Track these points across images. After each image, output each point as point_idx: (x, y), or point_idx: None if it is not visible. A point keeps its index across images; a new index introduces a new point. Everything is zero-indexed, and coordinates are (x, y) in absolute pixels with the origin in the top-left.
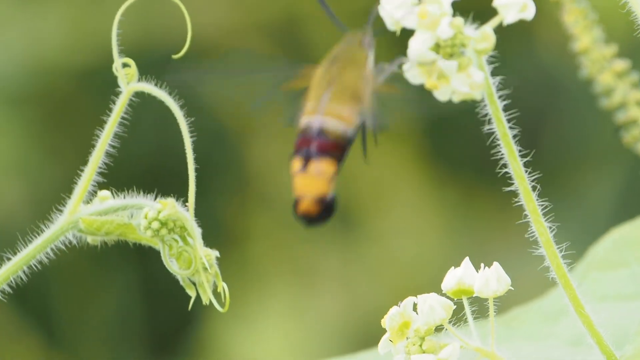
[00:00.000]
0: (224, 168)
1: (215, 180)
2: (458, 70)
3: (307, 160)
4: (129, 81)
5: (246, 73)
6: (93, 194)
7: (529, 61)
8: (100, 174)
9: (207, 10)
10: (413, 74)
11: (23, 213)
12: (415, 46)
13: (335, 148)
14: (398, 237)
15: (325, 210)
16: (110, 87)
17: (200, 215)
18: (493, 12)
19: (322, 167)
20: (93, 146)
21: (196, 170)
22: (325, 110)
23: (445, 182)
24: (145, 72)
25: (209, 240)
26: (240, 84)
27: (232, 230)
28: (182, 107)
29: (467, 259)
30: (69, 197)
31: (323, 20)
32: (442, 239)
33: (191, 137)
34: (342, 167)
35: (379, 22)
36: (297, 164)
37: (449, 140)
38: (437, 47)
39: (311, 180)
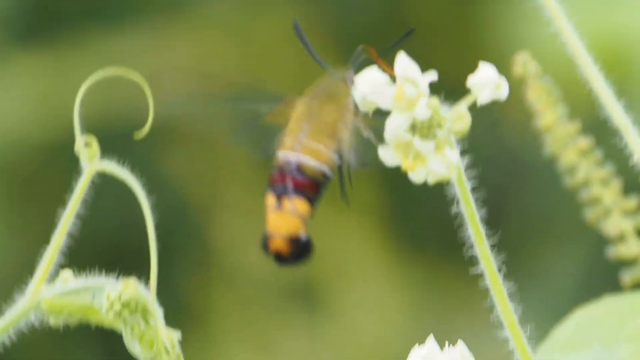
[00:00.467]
0: (187, 244)
1: (178, 256)
2: (435, 151)
3: (281, 197)
4: (91, 160)
5: (228, 103)
6: (55, 274)
7: (493, 139)
8: (62, 254)
9: (170, 85)
10: (389, 155)
11: None
12: (392, 127)
13: (311, 187)
14: (363, 315)
15: (297, 249)
16: (76, 163)
17: (163, 292)
18: (463, 90)
19: (297, 206)
20: (56, 224)
21: (158, 247)
22: (302, 147)
23: (410, 260)
24: (110, 146)
25: (172, 318)
26: (222, 113)
27: (196, 307)
28: (144, 184)
29: (431, 337)
30: (31, 276)
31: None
32: (407, 317)
33: (153, 214)
34: (317, 207)
35: (363, 63)
36: (271, 199)
37: (414, 218)
38: (412, 128)
39: (284, 218)
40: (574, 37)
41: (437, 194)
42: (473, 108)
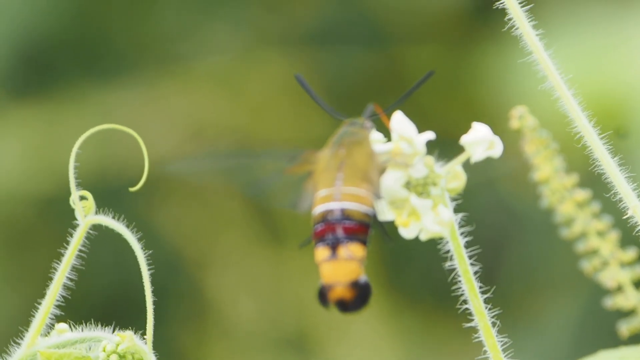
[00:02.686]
0: (182, 297)
1: (173, 309)
2: (430, 208)
3: (335, 246)
4: (87, 214)
5: (245, 159)
6: (51, 326)
7: (489, 192)
8: (58, 306)
9: (164, 139)
10: (383, 210)
11: None
12: (388, 184)
13: (361, 230)
14: None
15: (360, 294)
16: (71, 215)
17: (159, 344)
18: (458, 147)
19: (353, 251)
20: (51, 277)
21: (154, 300)
22: (342, 194)
23: (405, 310)
24: (105, 200)
25: None
26: (240, 169)
27: (191, 358)
28: (139, 238)
29: None
30: (27, 329)
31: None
32: None
33: (148, 267)
34: (368, 250)
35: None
36: (323, 252)
37: (409, 269)
38: (407, 184)
39: (342, 266)
40: (568, 92)
41: (433, 245)
42: (468, 163)
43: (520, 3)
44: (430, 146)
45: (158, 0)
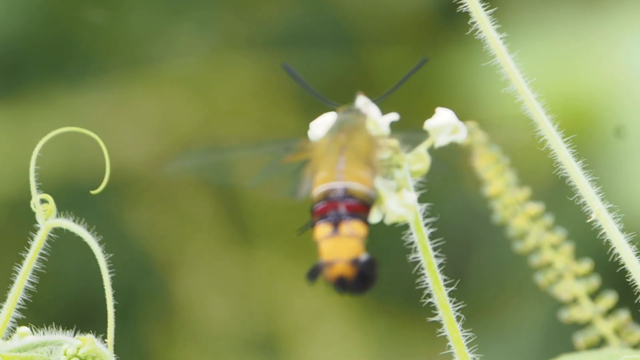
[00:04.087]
0: (151, 299)
1: (141, 311)
2: (394, 191)
3: (337, 223)
4: (48, 217)
5: (242, 152)
6: (12, 330)
7: (457, 196)
8: (20, 310)
9: (133, 141)
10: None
11: None
12: None
13: (363, 209)
14: None
15: (362, 272)
16: (34, 218)
17: (126, 346)
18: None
19: (354, 228)
20: (13, 282)
21: (121, 301)
22: (345, 175)
23: (372, 311)
24: (75, 201)
25: None
26: (237, 162)
27: None
28: (107, 239)
29: None
30: None
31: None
32: None
33: (115, 269)
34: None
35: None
36: (325, 228)
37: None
38: None
39: (344, 243)
40: (531, 96)
41: (399, 244)
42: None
43: (483, 6)
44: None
45: (126, 2)
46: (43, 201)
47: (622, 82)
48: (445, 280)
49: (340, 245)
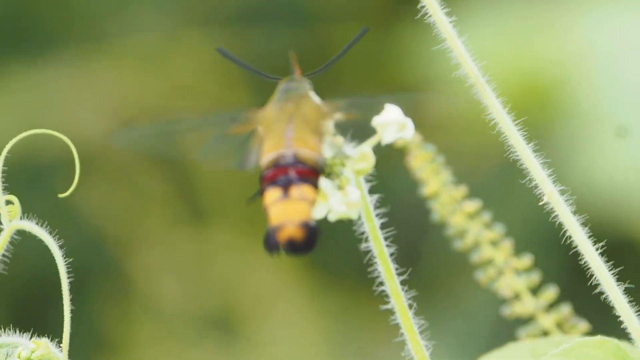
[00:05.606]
0: (105, 277)
1: (96, 289)
2: (337, 189)
3: (287, 187)
4: (12, 218)
5: (188, 124)
6: None
7: (408, 177)
8: None
9: (91, 117)
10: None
11: None
12: None
13: (313, 174)
14: (279, 345)
15: (310, 235)
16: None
17: (83, 324)
18: (372, 130)
19: (305, 192)
20: None
21: (75, 279)
22: (294, 142)
23: (326, 290)
24: (28, 178)
25: (91, 350)
26: (184, 135)
27: (115, 339)
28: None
29: None
30: None
31: None
32: (325, 347)
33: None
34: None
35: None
36: (275, 193)
37: (330, 248)
38: None
39: (294, 206)
40: (481, 79)
41: (353, 224)
42: (390, 150)
43: None
44: (341, 129)
45: None
46: (8, 202)
47: (580, 58)
48: (397, 269)
49: (290, 208)
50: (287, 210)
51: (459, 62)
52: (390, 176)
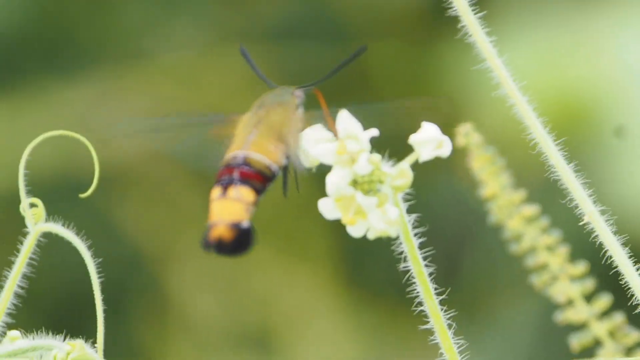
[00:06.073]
0: (142, 293)
1: (133, 305)
2: (376, 206)
3: (227, 186)
4: (37, 221)
5: (171, 123)
6: (2, 334)
7: (447, 196)
8: (10, 314)
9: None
10: (329, 209)
11: None
12: (333, 181)
13: (257, 178)
14: None
15: (239, 237)
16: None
17: (119, 340)
18: (410, 149)
19: (242, 193)
20: (2, 286)
21: (112, 296)
22: (251, 145)
23: (363, 306)
24: (64, 195)
25: None
26: (165, 132)
27: (152, 355)
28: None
29: None
30: None
31: None
32: None
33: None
34: (260, 201)
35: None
36: (216, 191)
37: (367, 264)
38: (354, 183)
39: (228, 205)
40: (522, 99)
41: (391, 242)
42: (428, 166)
43: (473, 9)
44: (379, 147)
45: None
46: (32, 205)
47: (616, 78)
48: (436, 289)
49: (224, 208)
50: (221, 209)
51: (500, 82)
52: (429, 194)
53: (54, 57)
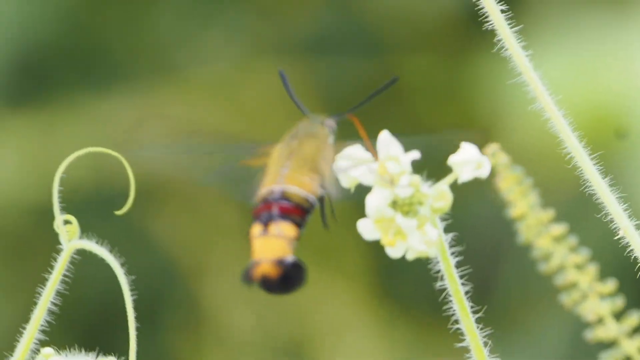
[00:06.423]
0: (177, 306)
1: (168, 318)
2: (416, 228)
3: (267, 223)
4: (71, 238)
5: (205, 150)
6: (36, 351)
7: (478, 214)
8: (43, 331)
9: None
10: (368, 230)
11: None
12: (374, 203)
13: (297, 212)
14: None
15: (285, 273)
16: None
17: (151, 353)
18: (448, 169)
19: (283, 229)
20: (36, 303)
21: (146, 308)
22: (286, 179)
23: (398, 321)
24: (99, 208)
25: None
26: (198, 159)
27: None
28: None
29: None
30: (11, 354)
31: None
32: None
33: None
34: (302, 234)
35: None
36: (256, 228)
37: (402, 280)
38: (394, 204)
39: (271, 242)
40: (558, 113)
41: (428, 259)
42: (463, 185)
43: (509, 24)
44: (417, 168)
45: (154, 8)
46: (66, 222)
47: None
48: (472, 307)
49: (267, 245)
50: (264, 247)
51: (535, 96)
52: (461, 212)
53: (88, 70)
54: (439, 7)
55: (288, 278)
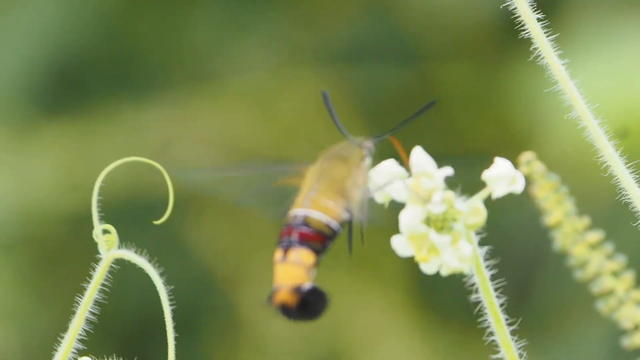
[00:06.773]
0: (215, 314)
1: (205, 327)
2: (450, 244)
3: (287, 249)
4: (110, 248)
5: (241, 171)
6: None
7: (513, 223)
8: (81, 340)
9: (195, 158)
10: (402, 246)
11: None
12: (407, 219)
13: (317, 238)
14: None
15: (303, 300)
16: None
17: None
18: (481, 184)
19: (301, 257)
20: (74, 312)
21: (184, 316)
22: (311, 202)
23: (435, 329)
24: (137, 216)
25: None
26: (234, 180)
27: None
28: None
29: None
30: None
31: None
32: None
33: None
34: (322, 259)
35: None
36: (278, 254)
37: (439, 288)
38: (427, 221)
39: (289, 270)
40: (594, 122)
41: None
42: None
43: (545, 32)
44: (450, 183)
45: (191, 17)
46: (105, 231)
47: None
48: (507, 319)
49: (285, 272)
50: (283, 274)
51: (571, 105)
52: (500, 221)
53: (124, 79)
54: (476, 15)
55: (306, 305)
